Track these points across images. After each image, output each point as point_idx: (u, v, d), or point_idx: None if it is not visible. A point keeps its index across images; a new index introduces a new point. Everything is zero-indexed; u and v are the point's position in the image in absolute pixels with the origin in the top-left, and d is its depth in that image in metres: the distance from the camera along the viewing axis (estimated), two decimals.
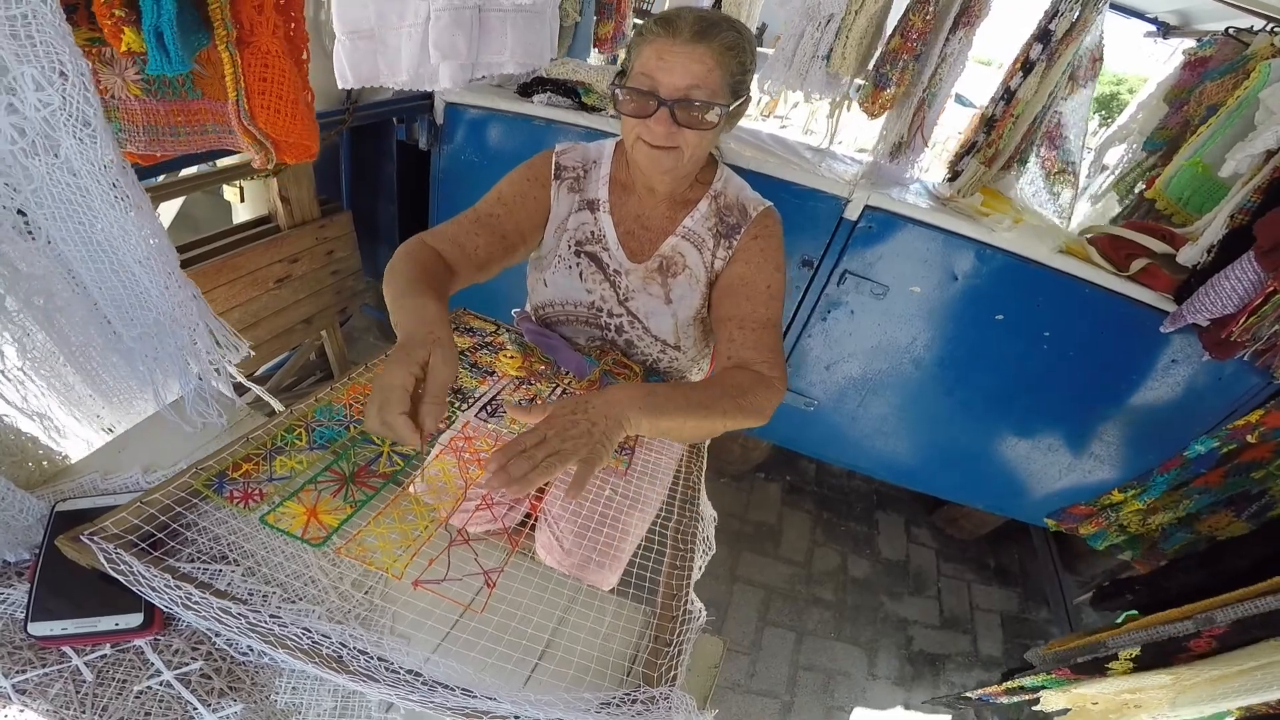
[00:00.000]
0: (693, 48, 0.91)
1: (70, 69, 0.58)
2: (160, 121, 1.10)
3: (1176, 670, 1.27)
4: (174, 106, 1.10)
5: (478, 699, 0.51)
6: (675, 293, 1.14)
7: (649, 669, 0.66)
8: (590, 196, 1.14)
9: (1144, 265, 1.73)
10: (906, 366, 2.05)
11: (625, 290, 1.15)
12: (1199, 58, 2.18)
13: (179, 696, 0.61)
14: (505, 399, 0.96)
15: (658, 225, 1.13)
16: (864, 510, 2.73)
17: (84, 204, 0.69)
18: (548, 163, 1.13)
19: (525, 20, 1.59)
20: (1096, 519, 2.02)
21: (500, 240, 1.06)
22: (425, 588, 0.63)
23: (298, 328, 1.90)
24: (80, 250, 0.76)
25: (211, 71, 1.08)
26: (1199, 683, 1.24)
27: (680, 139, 0.96)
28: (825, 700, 1.98)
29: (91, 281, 0.80)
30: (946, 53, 1.97)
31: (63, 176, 0.66)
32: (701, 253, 1.12)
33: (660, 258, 1.13)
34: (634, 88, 0.94)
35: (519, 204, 1.10)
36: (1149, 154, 2.34)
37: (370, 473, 0.76)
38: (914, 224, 1.82)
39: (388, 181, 2.20)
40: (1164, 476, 1.84)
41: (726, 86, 0.94)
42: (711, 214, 1.12)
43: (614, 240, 1.13)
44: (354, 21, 1.35)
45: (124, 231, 0.71)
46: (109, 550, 0.55)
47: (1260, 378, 1.74)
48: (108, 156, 0.66)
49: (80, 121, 0.60)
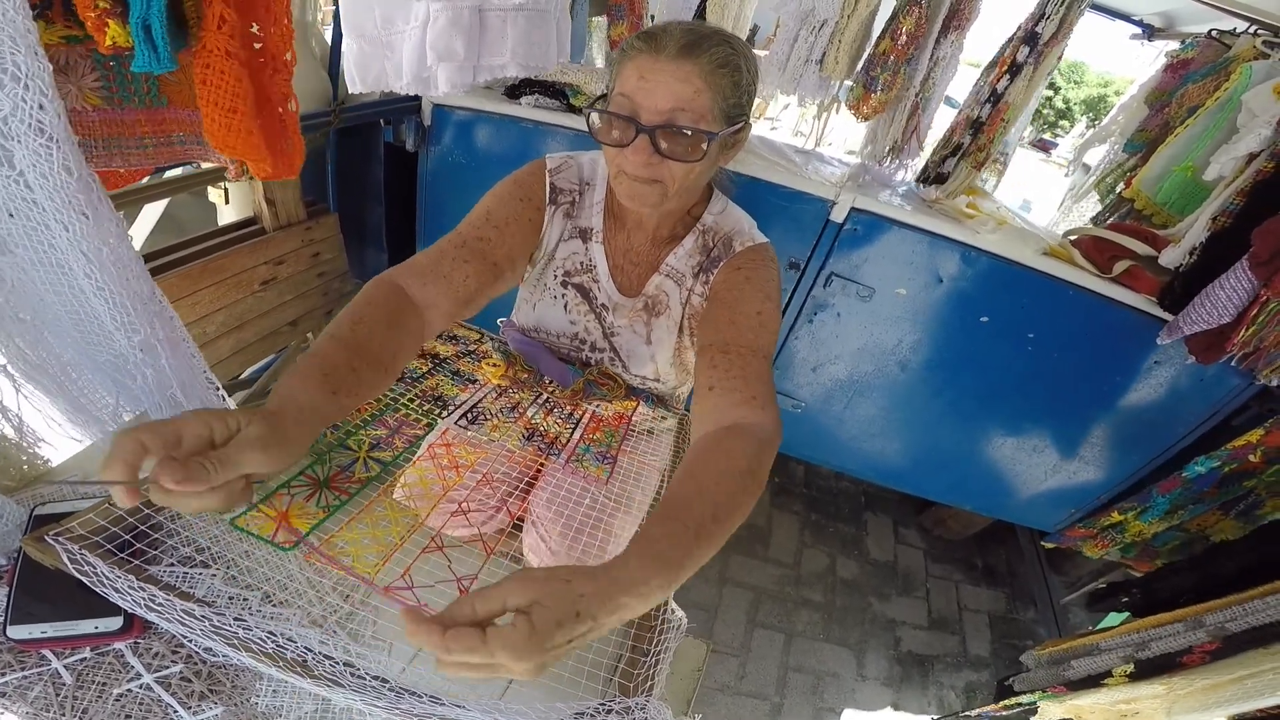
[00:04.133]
0: (678, 65, 0.78)
1: (24, 70, 0.54)
2: (124, 132, 1.01)
3: (1170, 680, 1.28)
4: (139, 116, 1.01)
5: (445, 706, 0.51)
6: (655, 334, 1.06)
7: (625, 679, 0.66)
8: (584, 224, 1.03)
9: (1127, 267, 1.74)
10: (893, 368, 2.06)
11: (610, 325, 1.07)
12: (1181, 60, 2.20)
13: (159, 699, 0.61)
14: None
15: (644, 260, 1.03)
16: (852, 512, 2.74)
17: (41, 221, 0.65)
18: (540, 182, 1.00)
19: (528, 20, 1.54)
20: (1100, 540, 2.02)
21: (491, 269, 0.91)
22: (395, 595, 0.63)
23: (283, 330, 1.89)
24: (43, 271, 0.71)
25: (180, 76, 0.99)
26: (1192, 691, 1.25)
27: (663, 171, 0.83)
28: (815, 701, 1.99)
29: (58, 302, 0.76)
30: (939, 56, 1.99)
31: (19, 190, 0.62)
32: (680, 289, 1.02)
33: (646, 297, 1.04)
34: (611, 112, 0.82)
35: (512, 227, 0.95)
36: (1129, 155, 2.36)
37: (346, 477, 0.76)
38: (899, 226, 1.83)
39: (375, 183, 2.19)
40: (1164, 497, 1.85)
41: (719, 110, 0.81)
42: (697, 250, 1.01)
43: (605, 272, 1.03)
44: (360, 26, 1.32)
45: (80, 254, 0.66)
46: (73, 551, 0.55)
47: (1242, 379, 1.76)
48: (65, 170, 0.61)
49: (33, 130, 0.56)
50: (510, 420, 0.95)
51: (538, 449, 0.92)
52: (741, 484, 0.67)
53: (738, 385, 0.81)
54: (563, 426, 0.97)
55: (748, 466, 0.69)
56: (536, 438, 0.94)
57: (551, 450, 0.92)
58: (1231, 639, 1.25)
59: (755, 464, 0.71)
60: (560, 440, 0.94)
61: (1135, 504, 1.93)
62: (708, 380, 0.83)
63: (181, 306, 1.54)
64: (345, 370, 0.64)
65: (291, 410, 0.56)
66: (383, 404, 0.90)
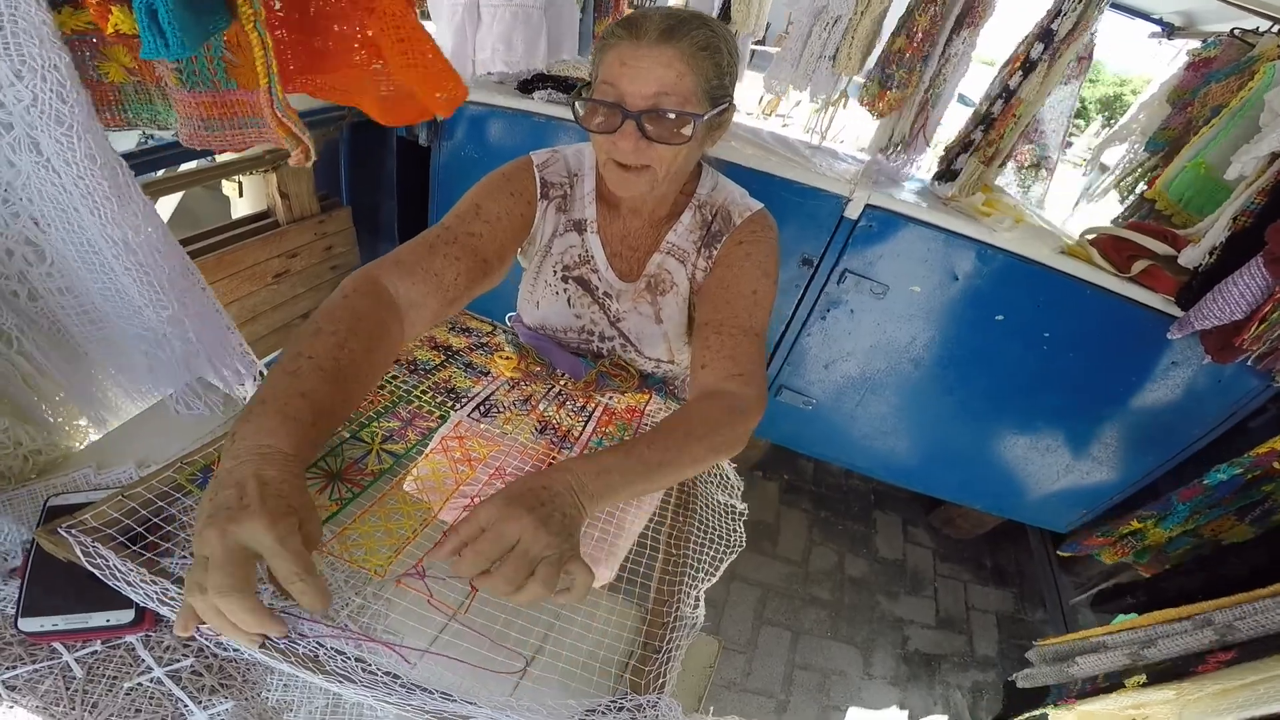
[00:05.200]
0: (660, 50, 0.79)
1: (41, 62, 0.55)
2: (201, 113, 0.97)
3: (1180, 685, 1.27)
4: (208, 98, 0.97)
5: (457, 703, 0.51)
6: (665, 311, 1.07)
7: (637, 675, 0.65)
8: (577, 216, 1.04)
9: (1145, 266, 1.72)
10: (906, 366, 2.04)
11: (616, 312, 1.08)
12: (1203, 59, 2.17)
13: (169, 693, 0.61)
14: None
15: (643, 243, 1.05)
16: (861, 509, 2.73)
17: (69, 204, 0.66)
18: (530, 176, 1.00)
19: (513, 15, 1.59)
20: (1119, 548, 2.00)
21: (480, 265, 0.91)
22: (407, 584, 0.63)
23: (296, 323, 1.90)
24: (74, 250, 0.73)
25: (242, 57, 0.95)
26: (1202, 697, 1.23)
27: (652, 155, 0.85)
28: (821, 699, 1.98)
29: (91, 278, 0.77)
30: (950, 53, 1.97)
31: (48, 175, 0.63)
32: (685, 266, 1.04)
33: (648, 277, 1.05)
34: (597, 100, 0.83)
35: (503, 222, 0.95)
36: (1151, 154, 2.33)
37: (358, 470, 0.76)
38: (915, 223, 1.81)
39: (388, 178, 2.20)
40: (1185, 505, 1.82)
41: (702, 93, 0.83)
42: (696, 225, 1.03)
43: (603, 261, 1.05)
44: None
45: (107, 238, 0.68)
46: (86, 544, 0.55)
47: (1260, 380, 1.73)
48: (87, 156, 0.62)
49: (53, 119, 0.57)
50: (523, 413, 0.95)
51: (550, 442, 0.91)
52: (717, 426, 0.79)
53: (727, 364, 0.88)
54: (575, 420, 0.97)
55: (725, 419, 0.81)
56: (549, 431, 0.93)
57: (564, 444, 0.92)
58: (1246, 647, 1.23)
59: (732, 419, 0.81)
60: (573, 434, 0.94)
61: (1155, 511, 1.90)
62: (700, 359, 0.90)
63: None
64: (330, 411, 0.63)
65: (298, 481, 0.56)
66: (396, 396, 0.90)
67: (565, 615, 0.73)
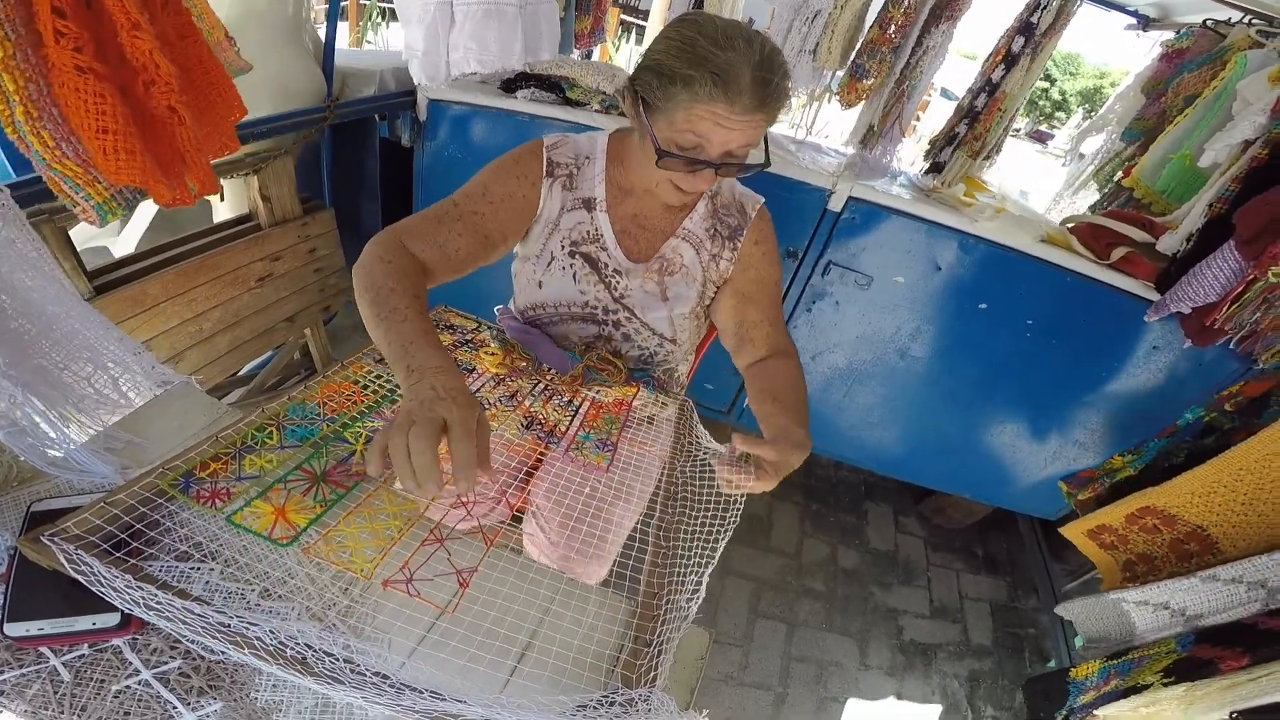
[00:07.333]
0: (753, 116, 0.87)
1: None
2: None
3: (1193, 681, 1.31)
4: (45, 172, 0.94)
5: (447, 702, 0.51)
6: (672, 290, 1.13)
7: (628, 670, 0.65)
8: (586, 195, 1.09)
9: (1125, 253, 1.74)
10: (891, 356, 2.06)
11: (621, 289, 1.12)
12: (1176, 49, 2.20)
13: (158, 695, 0.60)
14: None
15: (657, 226, 1.12)
16: (852, 501, 2.74)
17: None
18: (538, 158, 1.07)
19: (485, 14, 1.59)
20: (1093, 486, 2.04)
21: (483, 241, 1.00)
22: (394, 587, 0.63)
23: (280, 326, 1.88)
24: None
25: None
26: (1210, 692, 1.27)
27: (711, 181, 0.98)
28: (818, 691, 1.99)
29: None
30: (928, 45, 1.98)
31: None
32: (699, 252, 1.12)
33: (661, 259, 1.12)
34: (689, 156, 0.91)
35: (507, 203, 1.04)
36: (1127, 144, 2.36)
37: (343, 471, 0.75)
38: (897, 215, 1.82)
39: (370, 179, 2.18)
40: (1158, 442, 1.88)
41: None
42: (709, 214, 1.12)
43: (612, 240, 1.10)
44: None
45: None
46: (69, 551, 0.54)
47: (1241, 363, 1.76)
48: None
49: None
50: (509, 409, 0.94)
51: (537, 438, 0.91)
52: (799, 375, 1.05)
53: (780, 341, 1.11)
54: (562, 414, 0.97)
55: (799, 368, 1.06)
56: (535, 426, 0.93)
57: (551, 439, 0.92)
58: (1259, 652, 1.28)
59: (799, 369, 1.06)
60: (560, 428, 0.94)
61: (1133, 451, 1.99)
62: (765, 346, 1.10)
63: (178, 304, 1.53)
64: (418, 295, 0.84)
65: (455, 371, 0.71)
66: (380, 395, 0.90)
67: (555, 611, 0.73)
